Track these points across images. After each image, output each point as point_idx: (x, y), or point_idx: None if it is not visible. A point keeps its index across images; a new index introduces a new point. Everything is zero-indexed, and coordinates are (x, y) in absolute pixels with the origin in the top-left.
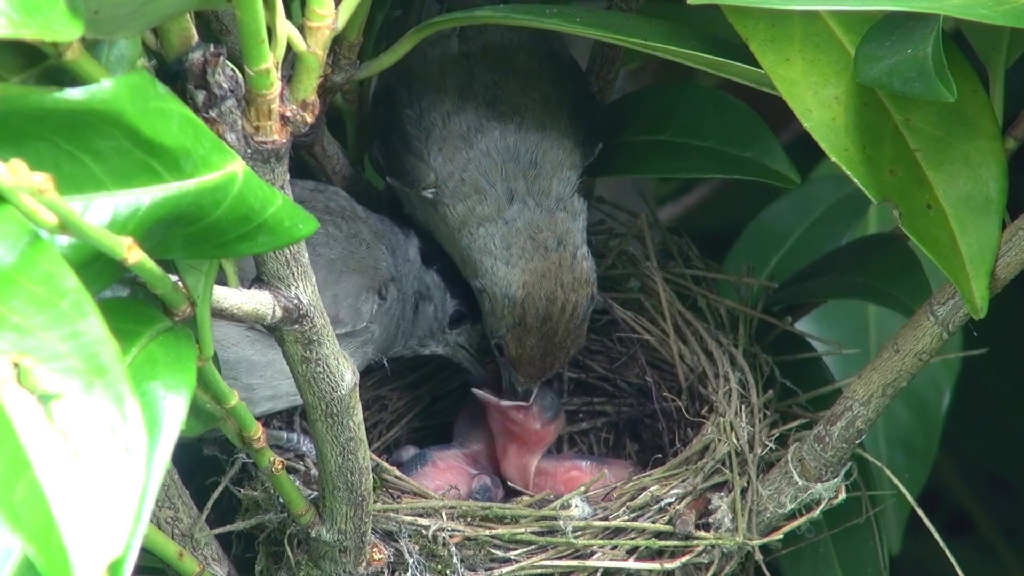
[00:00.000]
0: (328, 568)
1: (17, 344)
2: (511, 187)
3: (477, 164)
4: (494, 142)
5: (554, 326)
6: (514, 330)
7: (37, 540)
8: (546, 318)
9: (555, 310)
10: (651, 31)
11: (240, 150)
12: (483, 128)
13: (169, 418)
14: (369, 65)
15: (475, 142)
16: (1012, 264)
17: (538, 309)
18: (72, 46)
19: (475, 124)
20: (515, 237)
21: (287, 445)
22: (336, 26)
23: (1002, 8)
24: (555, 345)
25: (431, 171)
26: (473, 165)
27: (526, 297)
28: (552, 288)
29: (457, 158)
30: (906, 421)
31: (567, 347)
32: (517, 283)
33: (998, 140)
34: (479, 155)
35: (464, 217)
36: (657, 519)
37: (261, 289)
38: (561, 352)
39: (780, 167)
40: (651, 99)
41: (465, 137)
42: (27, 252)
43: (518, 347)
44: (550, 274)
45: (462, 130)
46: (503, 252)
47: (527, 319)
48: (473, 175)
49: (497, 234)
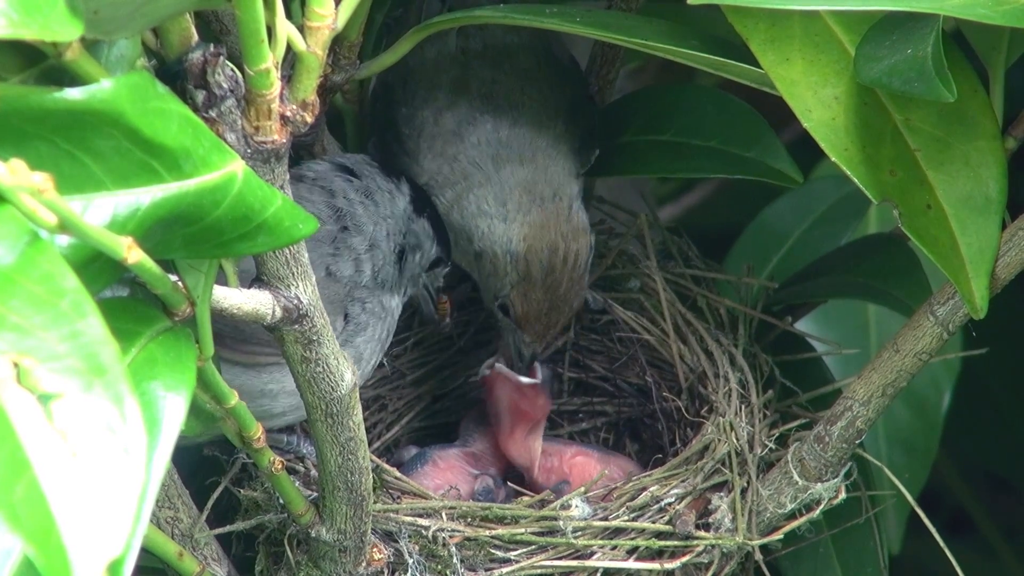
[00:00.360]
0: (328, 568)
1: (17, 344)
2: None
3: (467, 154)
4: (486, 135)
5: (558, 278)
6: (519, 286)
7: (36, 540)
8: (550, 269)
9: (558, 261)
10: (651, 31)
11: (240, 150)
12: (475, 121)
13: (169, 418)
14: (369, 65)
15: (466, 135)
16: (1012, 264)
17: (541, 261)
18: (72, 46)
19: (467, 118)
20: (510, 194)
21: (287, 447)
22: (336, 26)
23: (1002, 8)
24: (559, 298)
25: (423, 172)
26: (463, 156)
27: (528, 250)
28: (553, 239)
29: (447, 151)
30: (906, 421)
31: (570, 300)
32: (517, 237)
33: (998, 140)
34: (469, 147)
35: (454, 199)
36: (657, 519)
37: (261, 289)
38: (565, 306)
39: (782, 167)
40: (652, 99)
41: (456, 132)
42: (27, 252)
43: (524, 303)
44: (549, 225)
45: (453, 125)
46: (499, 210)
47: (531, 272)
48: (463, 164)
49: (490, 194)
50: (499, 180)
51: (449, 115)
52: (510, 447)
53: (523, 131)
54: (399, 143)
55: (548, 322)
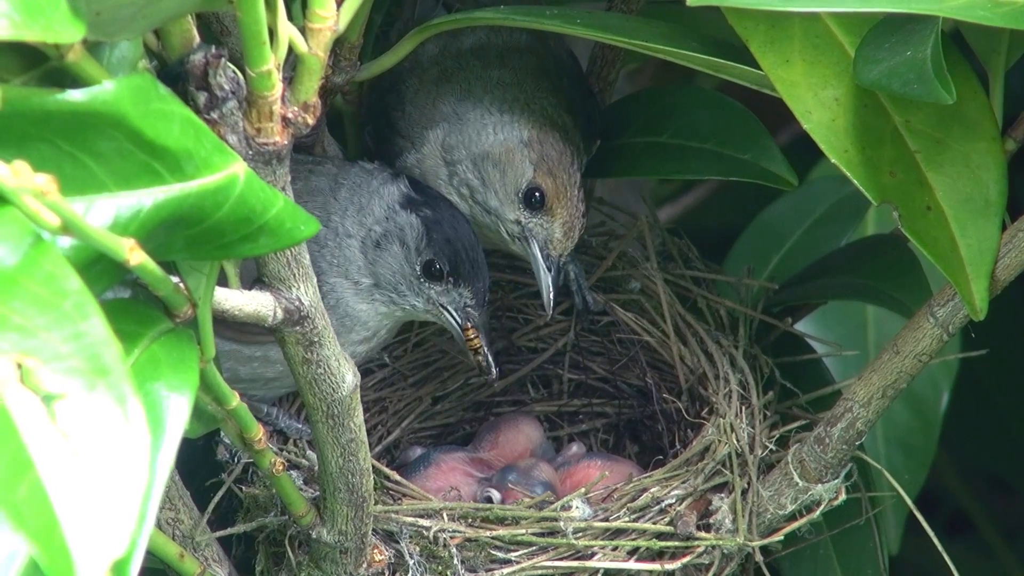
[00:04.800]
0: (329, 569)
1: (20, 345)
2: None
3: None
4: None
5: (571, 160)
6: (540, 165)
7: (40, 539)
8: (562, 151)
9: (567, 147)
10: (651, 32)
11: (241, 151)
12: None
13: (173, 418)
14: (369, 66)
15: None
16: (1012, 266)
17: (554, 141)
18: (74, 48)
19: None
20: (504, 97)
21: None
22: (337, 28)
23: (1001, 10)
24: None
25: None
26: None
27: (540, 130)
28: (556, 119)
29: (427, 104)
30: (905, 421)
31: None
32: (525, 124)
33: (998, 142)
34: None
35: (441, 136)
36: (658, 520)
37: (262, 291)
38: (583, 193)
39: (778, 169)
40: (650, 101)
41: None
42: (30, 253)
43: (551, 179)
44: (549, 114)
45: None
46: (498, 116)
47: (547, 151)
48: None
49: (484, 101)
50: (492, 95)
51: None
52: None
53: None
54: (390, 126)
55: (572, 212)
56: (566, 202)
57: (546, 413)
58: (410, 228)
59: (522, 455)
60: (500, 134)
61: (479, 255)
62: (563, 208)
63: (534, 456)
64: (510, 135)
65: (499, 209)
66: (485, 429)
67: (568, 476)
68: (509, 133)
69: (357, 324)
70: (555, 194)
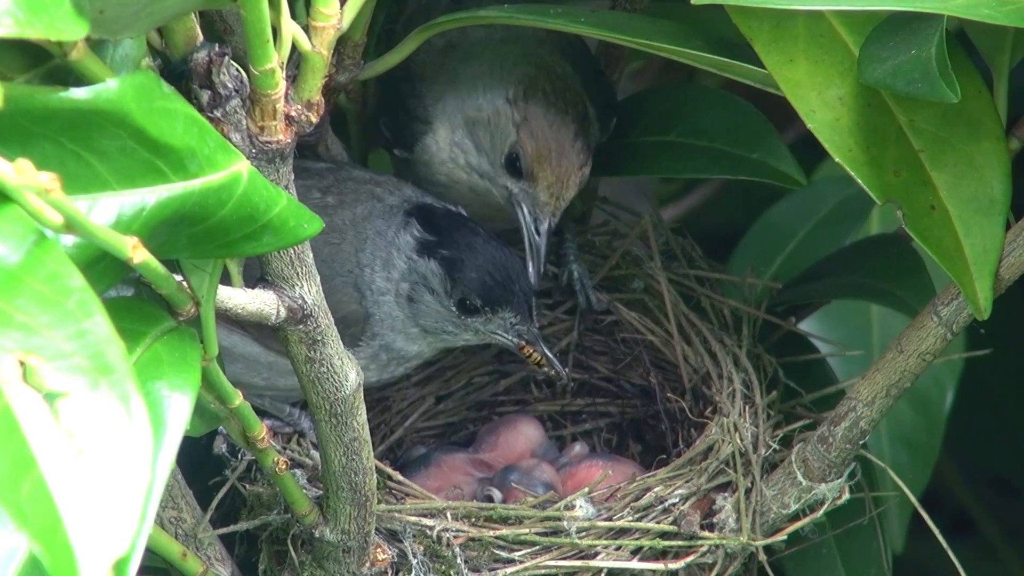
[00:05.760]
0: (332, 568)
1: (23, 343)
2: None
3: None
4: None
5: (560, 117)
6: (523, 126)
7: (43, 538)
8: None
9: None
10: (656, 31)
11: (245, 150)
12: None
13: (174, 417)
14: (373, 65)
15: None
16: (1016, 265)
17: (546, 90)
18: (77, 46)
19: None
20: (499, 52)
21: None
22: (341, 26)
23: (1006, 8)
24: (567, 143)
25: (425, 124)
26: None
27: (529, 85)
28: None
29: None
30: (909, 420)
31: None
32: (513, 80)
33: (1002, 141)
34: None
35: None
36: (661, 519)
37: (265, 289)
38: (573, 154)
39: (787, 168)
40: (656, 100)
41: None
42: (33, 251)
43: (532, 141)
44: (547, 63)
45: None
46: (488, 78)
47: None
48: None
49: (480, 59)
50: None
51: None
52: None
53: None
54: (407, 113)
55: (560, 172)
56: (548, 169)
57: (549, 413)
58: (432, 275)
59: (522, 456)
60: (488, 92)
61: (509, 271)
62: (545, 174)
63: (535, 457)
64: (497, 93)
65: (491, 174)
66: (484, 431)
67: (570, 477)
68: (496, 91)
69: (414, 358)
70: (536, 157)
